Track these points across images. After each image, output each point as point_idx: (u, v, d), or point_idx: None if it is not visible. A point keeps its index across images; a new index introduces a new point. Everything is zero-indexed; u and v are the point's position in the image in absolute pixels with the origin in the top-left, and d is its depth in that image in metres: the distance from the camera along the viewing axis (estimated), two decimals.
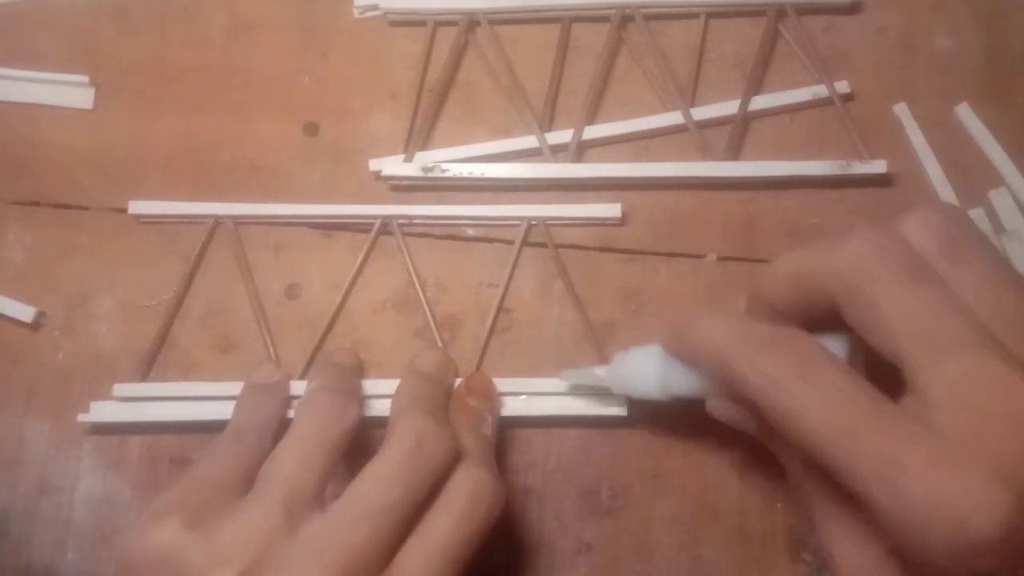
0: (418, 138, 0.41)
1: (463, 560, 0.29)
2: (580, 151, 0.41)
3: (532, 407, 0.38)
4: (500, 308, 0.39)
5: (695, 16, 0.42)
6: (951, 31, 0.42)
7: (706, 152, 0.40)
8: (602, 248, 0.40)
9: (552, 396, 0.38)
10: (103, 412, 0.38)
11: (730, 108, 0.41)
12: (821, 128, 0.41)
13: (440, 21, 0.42)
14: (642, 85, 0.42)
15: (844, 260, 0.27)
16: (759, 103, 0.41)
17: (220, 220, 0.40)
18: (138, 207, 0.40)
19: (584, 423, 0.38)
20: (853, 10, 0.42)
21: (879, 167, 0.39)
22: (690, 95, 0.41)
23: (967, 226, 0.28)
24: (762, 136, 0.41)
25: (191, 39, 0.43)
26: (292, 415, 0.36)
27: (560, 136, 0.40)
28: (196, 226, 0.40)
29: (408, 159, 0.40)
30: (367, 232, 0.40)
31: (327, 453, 0.31)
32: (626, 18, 0.42)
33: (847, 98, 0.41)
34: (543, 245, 0.40)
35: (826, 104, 0.41)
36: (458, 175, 0.40)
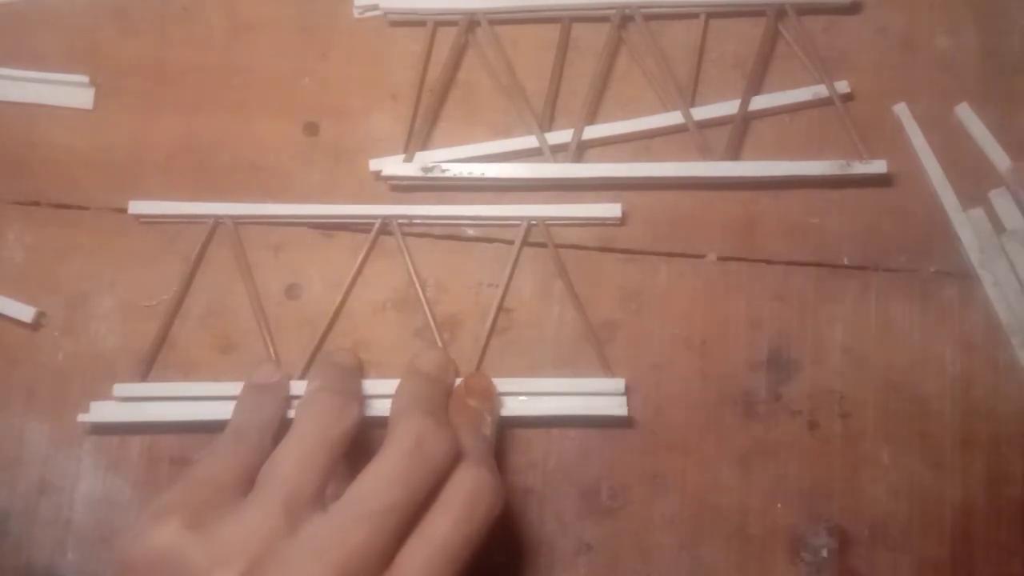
0: (418, 138, 0.41)
1: (463, 560, 0.29)
2: (580, 151, 0.41)
3: (532, 407, 0.38)
4: (500, 308, 0.39)
5: (695, 16, 0.42)
6: (951, 31, 0.42)
7: (706, 152, 0.40)
8: (602, 248, 0.40)
9: (552, 396, 0.38)
10: (103, 412, 0.38)
11: (730, 108, 0.41)
12: (821, 128, 0.41)
13: (440, 21, 0.42)
14: (642, 85, 0.42)
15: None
16: (759, 103, 0.41)
17: (220, 220, 0.40)
18: (138, 207, 0.40)
19: (584, 423, 0.38)
20: (853, 10, 0.42)
21: (879, 167, 0.39)
22: (690, 95, 0.41)
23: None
24: (762, 136, 0.41)
25: (191, 39, 0.43)
26: (292, 415, 0.36)
27: (560, 136, 0.40)
28: (196, 226, 0.40)
29: (408, 159, 0.40)
30: (367, 232, 0.40)
31: (327, 453, 0.31)
32: (626, 18, 0.42)
33: (847, 98, 0.41)
34: (543, 245, 0.40)
35: (826, 104, 0.41)
36: (458, 175, 0.40)
